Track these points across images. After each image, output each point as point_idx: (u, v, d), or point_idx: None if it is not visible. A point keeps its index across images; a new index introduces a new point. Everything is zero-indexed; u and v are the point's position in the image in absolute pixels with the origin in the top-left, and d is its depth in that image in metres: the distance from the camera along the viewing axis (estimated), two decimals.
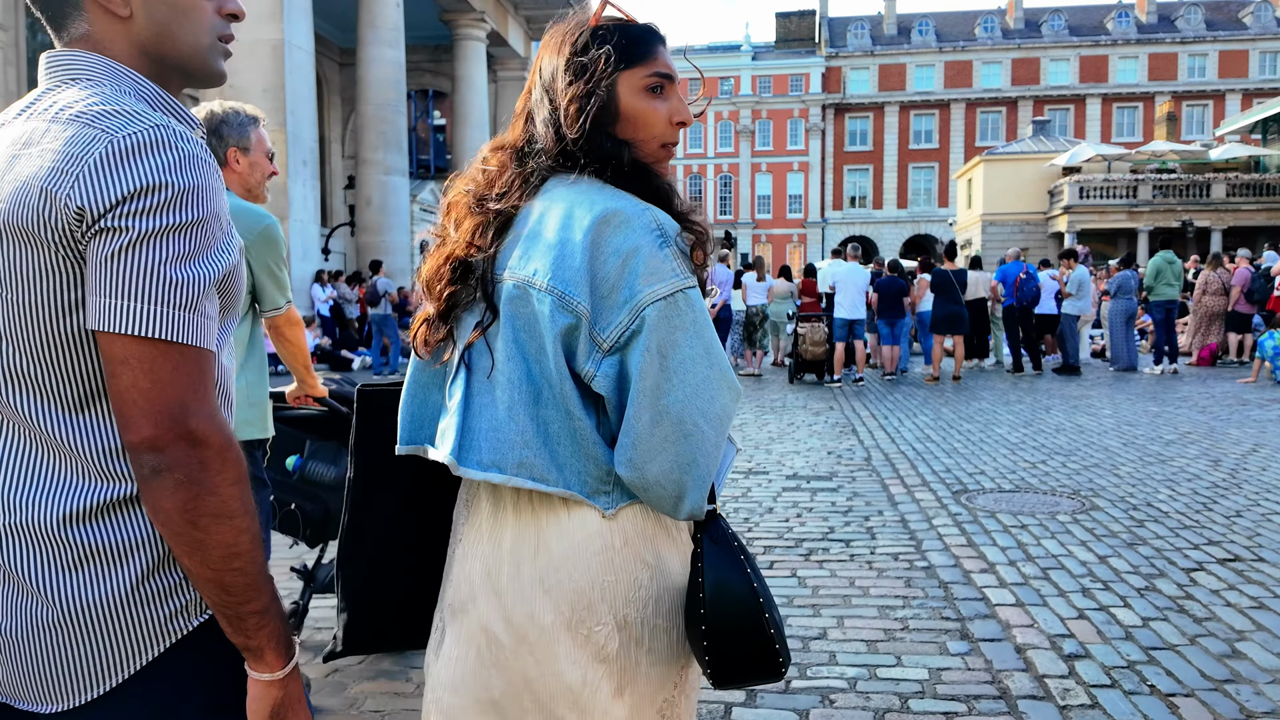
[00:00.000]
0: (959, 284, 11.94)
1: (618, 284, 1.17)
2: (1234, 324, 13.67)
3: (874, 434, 8.01)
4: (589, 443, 1.20)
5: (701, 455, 1.17)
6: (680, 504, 1.18)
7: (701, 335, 1.18)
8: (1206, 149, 38.99)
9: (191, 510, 0.95)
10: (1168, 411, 8.90)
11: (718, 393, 1.18)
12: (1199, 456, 6.60)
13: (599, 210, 1.19)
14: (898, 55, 59.34)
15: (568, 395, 1.19)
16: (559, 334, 1.18)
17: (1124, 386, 11.32)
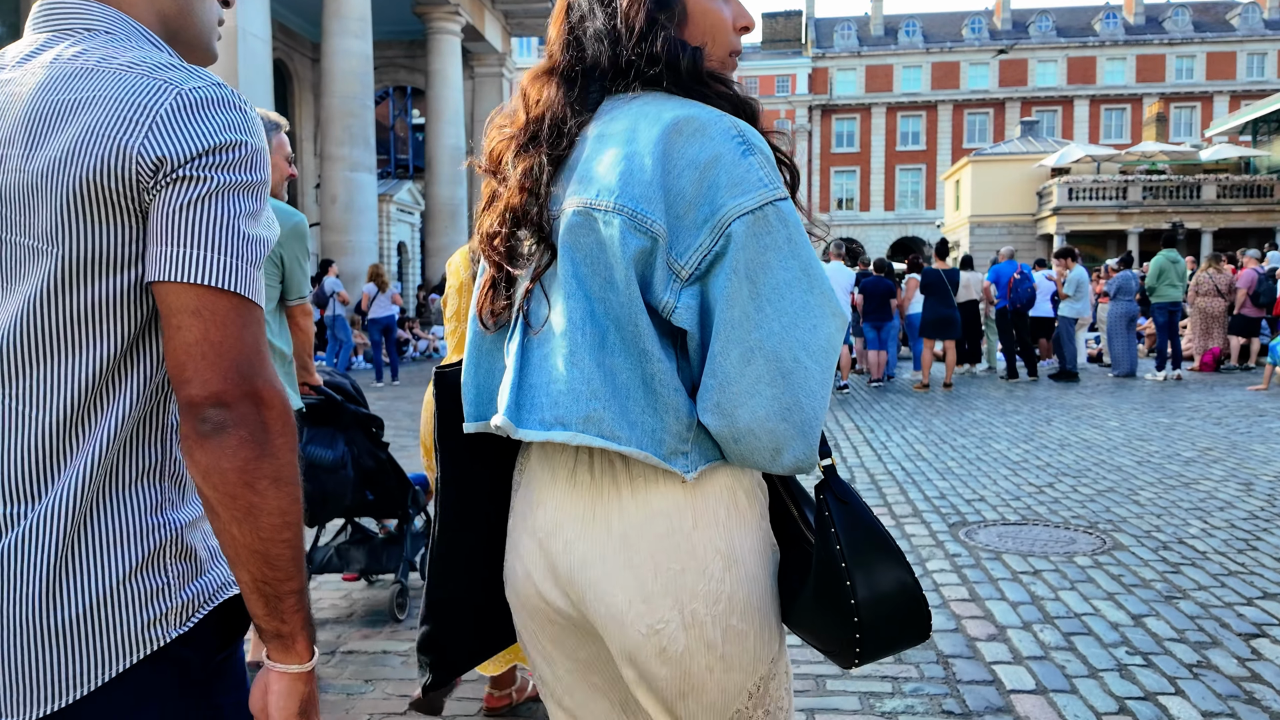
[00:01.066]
0: (951, 284, 11.16)
1: (695, 200, 1.01)
2: (1238, 327, 12.94)
3: (858, 450, 7.21)
4: (668, 390, 1.03)
5: (805, 395, 1.00)
6: (779, 456, 1.01)
7: (798, 254, 1.02)
8: (1196, 150, 38.58)
9: (251, 471, 0.91)
10: (1180, 424, 8.12)
11: (820, 320, 1.01)
12: (1226, 479, 5.82)
13: (669, 118, 1.03)
14: (885, 56, 58.98)
15: (643, 334, 1.02)
16: (631, 260, 1.01)
17: (1127, 394, 10.56)
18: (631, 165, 1.03)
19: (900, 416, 9.14)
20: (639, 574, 1.04)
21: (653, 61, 1.09)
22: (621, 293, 1.02)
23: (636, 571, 1.04)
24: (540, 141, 1.11)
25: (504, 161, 1.15)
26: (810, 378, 1.00)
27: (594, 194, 1.04)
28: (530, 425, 1.06)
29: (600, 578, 1.05)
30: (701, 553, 1.05)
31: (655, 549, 1.04)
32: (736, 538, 1.07)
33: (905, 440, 7.63)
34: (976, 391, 11.28)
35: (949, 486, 5.80)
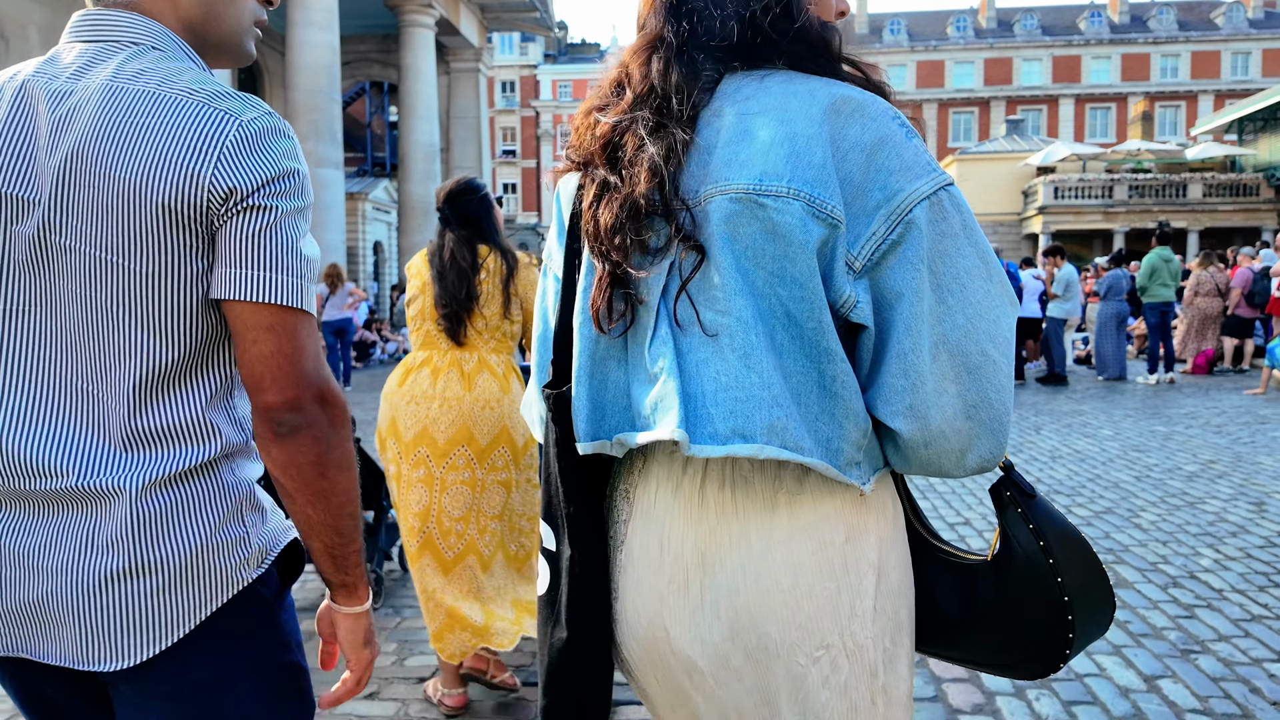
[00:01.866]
0: None
1: (864, 184, 0.93)
2: (1232, 328, 12.45)
3: None
4: (849, 393, 0.94)
5: (994, 390, 0.94)
6: (965, 456, 0.95)
7: (975, 241, 0.95)
8: (1182, 149, 38.34)
9: (323, 462, 1.04)
10: (1179, 432, 7.59)
11: (1002, 311, 0.95)
12: (1235, 497, 5.28)
13: (825, 97, 0.96)
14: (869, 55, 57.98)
15: (826, 332, 0.93)
16: (814, 250, 0.92)
17: (1119, 399, 10.04)
18: (797, 147, 0.94)
19: None
20: (792, 596, 0.96)
21: (796, 38, 1.01)
22: (802, 286, 0.93)
23: (789, 595, 0.96)
24: (669, 121, 1.00)
25: (615, 147, 1.03)
26: (998, 371, 0.95)
27: (755, 178, 0.95)
28: (704, 440, 0.94)
29: (750, 606, 0.96)
30: (855, 568, 0.97)
31: (806, 567, 0.96)
32: (885, 549, 1.00)
33: None
34: None
35: (930, 508, 5.24)
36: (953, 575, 1.07)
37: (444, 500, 2.70)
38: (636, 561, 1.03)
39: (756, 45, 1.01)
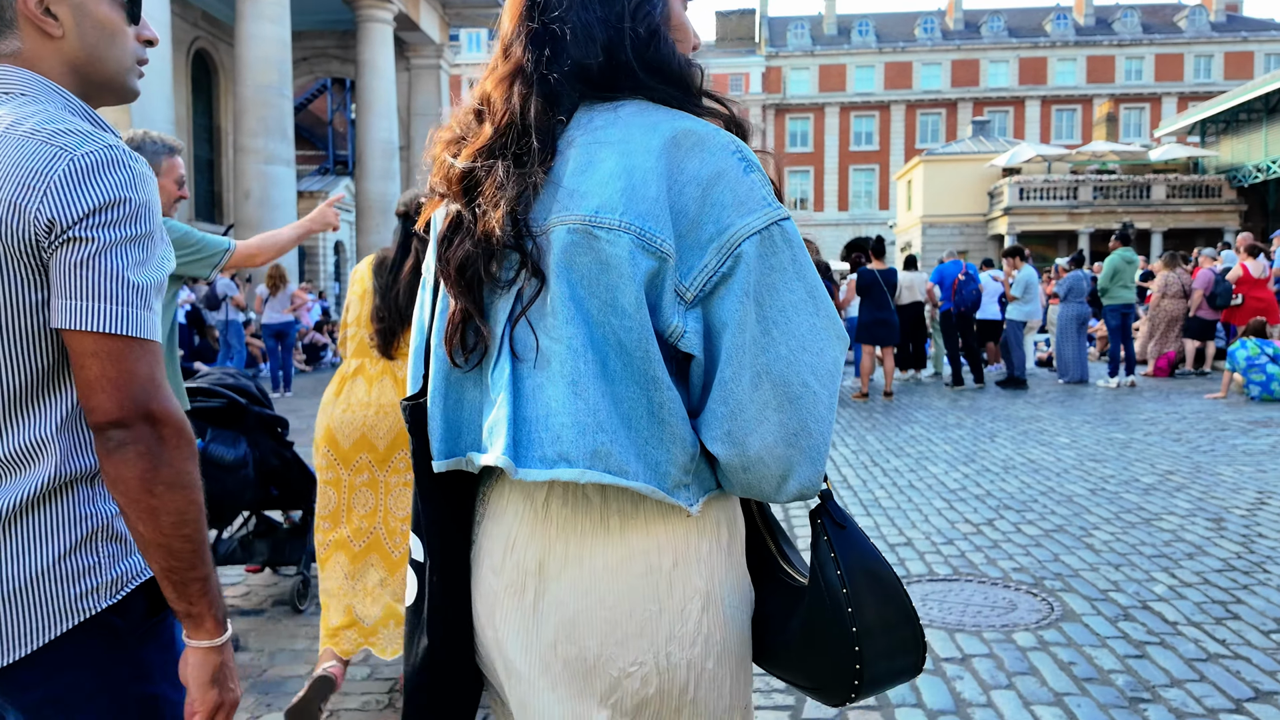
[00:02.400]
0: (887, 286, 10.32)
1: (700, 218, 0.97)
2: (1194, 330, 12.27)
3: None
4: (676, 420, 0.97)
5: (814, 420, 0.97)
6: (785, 483, 0.98)
7: (804, 276, 0.98)
8: (1146, 150, 38.56)
9: (150, 479, 1.07)
10: (1137, 440, 7.32)
11: (827, 343, 0.98)
12: (1193, 513, 4.98)
13: (667, 130, 0.98)
14: (838, 56, 58.76)
15: (653, 360, 0.96)
16: (642, 282, 0.95)
17: (1078, 404, 9.79)
18: (633, 180, 0.96)
19: (834, 431, 8.25)
20: (614, 615, 0.99)
21: (653, 70, 1.04)
22: (630, 317, 0.96)
23: (611, 613, 0.99)
24: (526, 155, 1.02)
25: (474, 184, 1.04)
26: (819, 401, 0.97)
27: (592, 210, 0.97)
28: (531, 464, 0.97)
29: (574, 619, 0.99)
30: (680, 592, 1.00)
31: (632, 589, 0.99)
32: (718, 575, 1.02)
33: (833, 462, 6.73)
34: (919, 401, 10.46)
35: (873, 525, 4.89)
36: (782, 596, 1.08)
37: (389, 502, 2.79)
38: (482, 562, 1.06)
39: (617, 76, 1.02)
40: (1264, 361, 9.57)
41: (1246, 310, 11.73)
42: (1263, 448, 6.84)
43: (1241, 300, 11.74)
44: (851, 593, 0.99)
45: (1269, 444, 6.99)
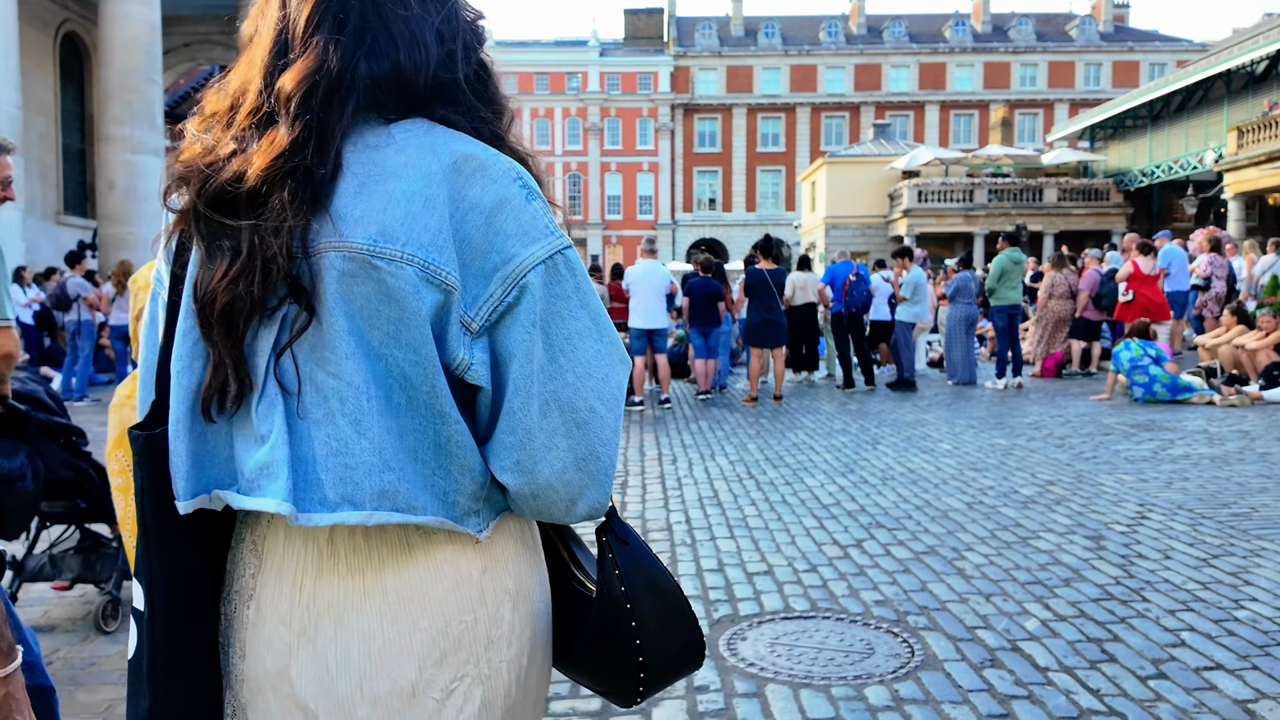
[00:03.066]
0: (776, 286, 9.97)
1: (484, 247, 0.94)
2: (1080, 331, 12.32)
3: (647, 490, 5.82)
4: (464, 451, 0.96)
5: (601, 444, 0.98)
6: (574, 506, 0.99)
7: (587, 303, 0.98)
8: (1039, 154, 39.74)
9: None
10: (1020, 446, 7.09)
11: (611, 369, 0.99)
12: (1072, 529, 4.67)
13: (446, 154, 0.94)
14: (745, 57, 59.14)
15: (440, 394, 0.93)
16: (428, 317, 0.92)
17: (964, 407, 9.62)
18: (414, 207, 0.91)
19: (716, 438, 7.84)
20: (429, 635, 0.95)
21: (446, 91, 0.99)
22: (415, 351, 0.92)
23: (426, 633, 0.95)
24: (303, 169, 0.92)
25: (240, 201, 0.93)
26: (605, 426, 0.98)
27: (370, 238, 0.91)
28: (314, 508, 0.91)
29: (384, 650, 0.94)
30: (493, 597, 0.99)
31: (445, 603, 0.96)
32: (523, 574, 1.03)
33: (708, 474, 6.29)
34: (808, 405, 10.15)
35: (734, 550, 4.44)
36: (572, 602, 1.11)
37: None
38: (267, 616, 0.98)
39: (408, 94, 0.98)
40: (1146, 363, 9.56)
41: (1137, 307, 11.81)
42: (1144, 454, 6.67)
43: (1133, 297, 11.82)
44: (634, 605, 1.02)
45: (1150, 450, 6.83)
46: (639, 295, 10.02)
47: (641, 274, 10.06)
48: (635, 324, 10.04)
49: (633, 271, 10.22)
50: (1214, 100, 31.37)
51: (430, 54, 0.97)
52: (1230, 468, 6.08)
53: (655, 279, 10.06)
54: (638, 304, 10.02)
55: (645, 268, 10.13)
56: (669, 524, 4.95)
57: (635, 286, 10.08)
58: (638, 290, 10.03)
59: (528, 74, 59.70)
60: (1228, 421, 8.13)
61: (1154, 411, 8.88)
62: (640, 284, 10.03)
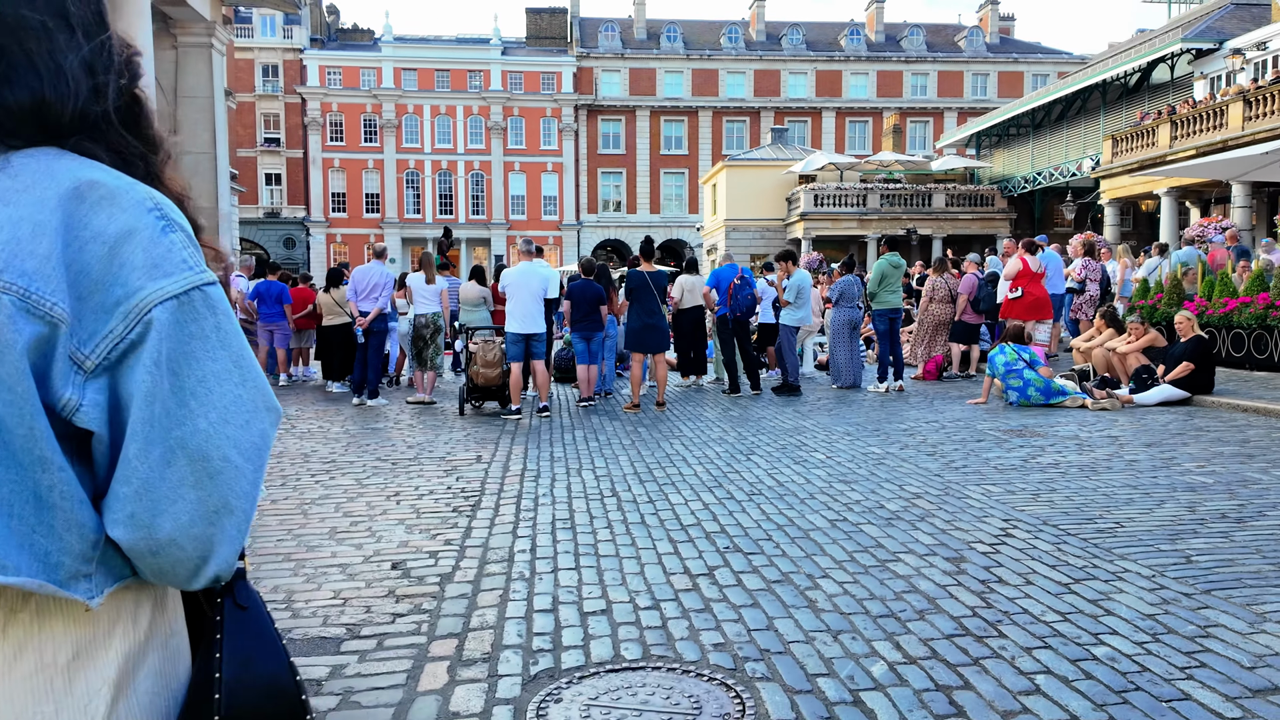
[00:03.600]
0: (657, 288, 9.65)
1: (106, 279, 0.87)
2: (959, 334, 12.40)
3: (500, 512, 5.36)
4: (70, 503, 0.87)
5: (235, 497, 0.91)
6: (203, 568, 0.91)
7: (228, 344, 0.93)
8: (928, 160, 40.80)
9: None
10: (892, 455, 6.91)
11: (253, 416, 0.93)
12: (933, 550, 4.43)
13: (68, 180, 0.88)
14: (648, 60, 59.15)
15: (40, 438, 0.85)
16: (25, 351, 0.84)
17: (845, 412, 9.47)
18: (18, 232, 0.85)
19: (588, 450, 7.43)
20: None
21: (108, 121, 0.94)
22: (10, 389, 0.83)
23: None
24: None
25: None
26: (242, 477, 0.91)
27: None
28: None
29: None
30: (84, 687, 0.88)
31: (20, 693, 0.85)
32: (133, 660, 0.92)
33: (569, 492, 5.88)
34: (691, 411, 9.85)
35: (574, 584, 4.03)
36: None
37: None
38: None
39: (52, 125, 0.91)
40: (1021, 367, 9.58)
41: (1024, 303, 11.93)
42: (1014, 462, 6.55)
43: (1021, 293, 11.93)
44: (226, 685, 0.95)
45: (1020, 457, 6.73)
46: (516, 298, 9.54)
47: (518, 276, 9.59)
48: (511, 328, 9.56)
49: (509, 274, 9.75)
50: (1091, 110, 32.67)
51: (79, 85, 0.92)
52: (1098, 476, 5.99)
53: (533, 281, 9.60)
54: (514, 307, 9.54)
55: (523, 270, 9.66)
56: (512, 553, 4.51)
57: (512, 289, 9.59)
58: (514, 293, 9.55)
59: (428, 71, 58.43)
60: (1098, 426, 8.16)
61: (1028, 416, 8.88)
62: (517, 287, 9.55)
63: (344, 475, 6.47)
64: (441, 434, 8.43)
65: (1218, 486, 5.62)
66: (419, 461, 6.99)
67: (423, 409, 10.34)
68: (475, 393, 9.90)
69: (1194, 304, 12.01)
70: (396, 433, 8.53)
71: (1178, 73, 29.28)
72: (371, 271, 10.59)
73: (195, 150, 28.75)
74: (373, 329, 10.49)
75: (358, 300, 10.54)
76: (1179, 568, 4.02)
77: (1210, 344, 9.81)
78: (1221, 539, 4.44)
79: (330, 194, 57.70)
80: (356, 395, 10.71)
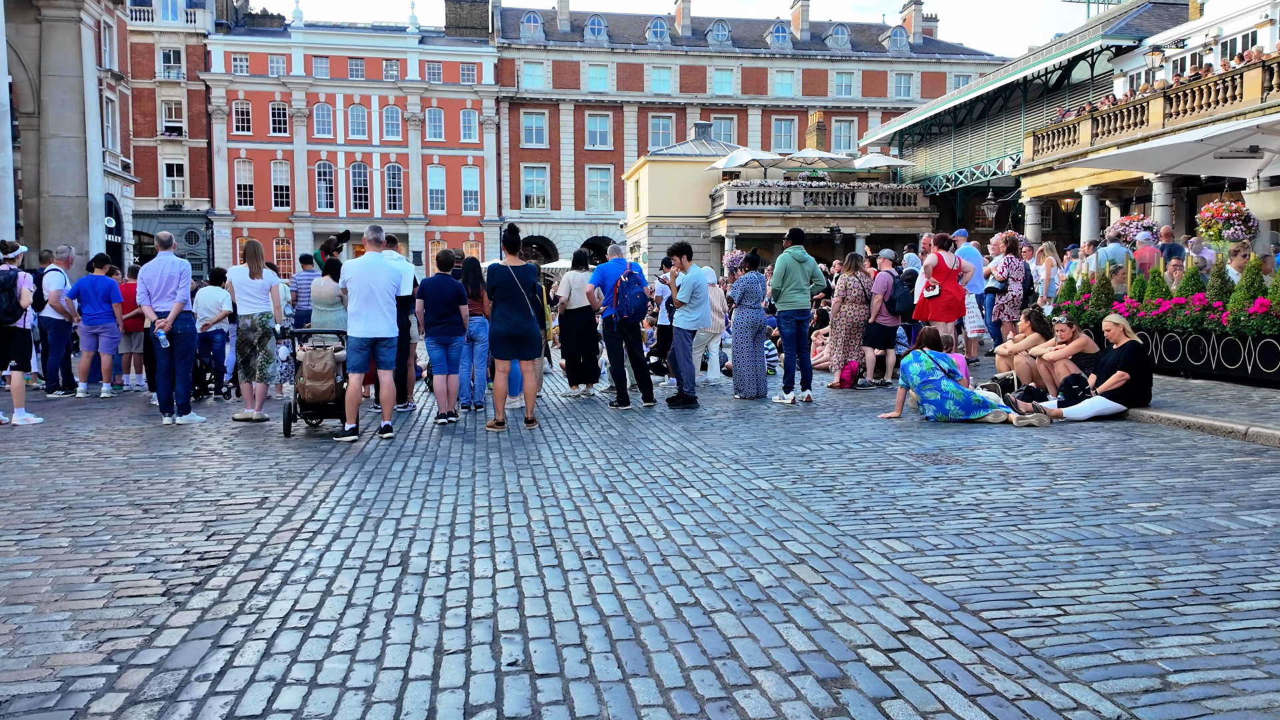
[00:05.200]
0: (523, 286, 8.21)
1: None
2: (874, 338, 11.24)
3: (226, 595, 3.86)
4: None
5: None
6: None
7: None
8: (852, 158, 40.12)
9: None
10: (781, 493, 5.59)
11: None
12: (804, 666, 3.06)
13: None
14: (571, 53, 57.62)
15: None
16: None
17: (741, 430, 8.16)
18: None
19: (414, 486, 5.96)
20: None
21: None
22: None
23: None
24: None
25: None
26: None
27: None
28: None
29: None
30: None
31: None
32: None
33: (344, 556, 4.40)
34: (565, 430, 8.44)
35: None
36: None
37: None
38: None
39: None
40: (938, 377, 8.40)
41: (940, 304, 10.83)
42: (926, 501, 5.29)
43: (939, 291, 10.82)
44: None
45: (934, 494, 5.47)
46: (359, 296, 7.98)
47: (362, 270, 8.00)
48: (354, 331, 8.00)
49: (351, 266, 8.15)
50: (1013, 109, 32.24)
51: None
52: (1029, 525, 4.75)
53: (380, 276, 8.02)
54: (357, 307, 7.97)
55: (368, 263, 8.08)
56: (188, 678, 3.03)
57: (354, 285, 8.01)
58: (357, 290, 7.99)
59: (341, 59, 56.00)
60: (1025, 448, 6.99)
61: (945, 433, 7.69)
62: (360, 282, 7.97)
63: (65, 530, 4.88)
64: (245, 464, 6.85)
65: (1179, 541, 4.42)
66: (182, 507, 5.42)
67: (247, 428, 8.72)
68: (307, 409, 8.32)
69: (1123, 305, 11.06)
70: (189, 462, 6.92)
71: (1098, 70, 28.94)
72: (163, 265, 8.88)
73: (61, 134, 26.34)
74: (178, 331, 8.81)
75: (151, 301, 8.84)
76: (1153, 696, 2.75)
77: (1145, 350, 8.77)
78: (1202, 636, 3.20)
79: (236, 186, 54.89)
80: (165, 413, 9.01)
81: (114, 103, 35.72)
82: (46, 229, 24.94)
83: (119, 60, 36.68)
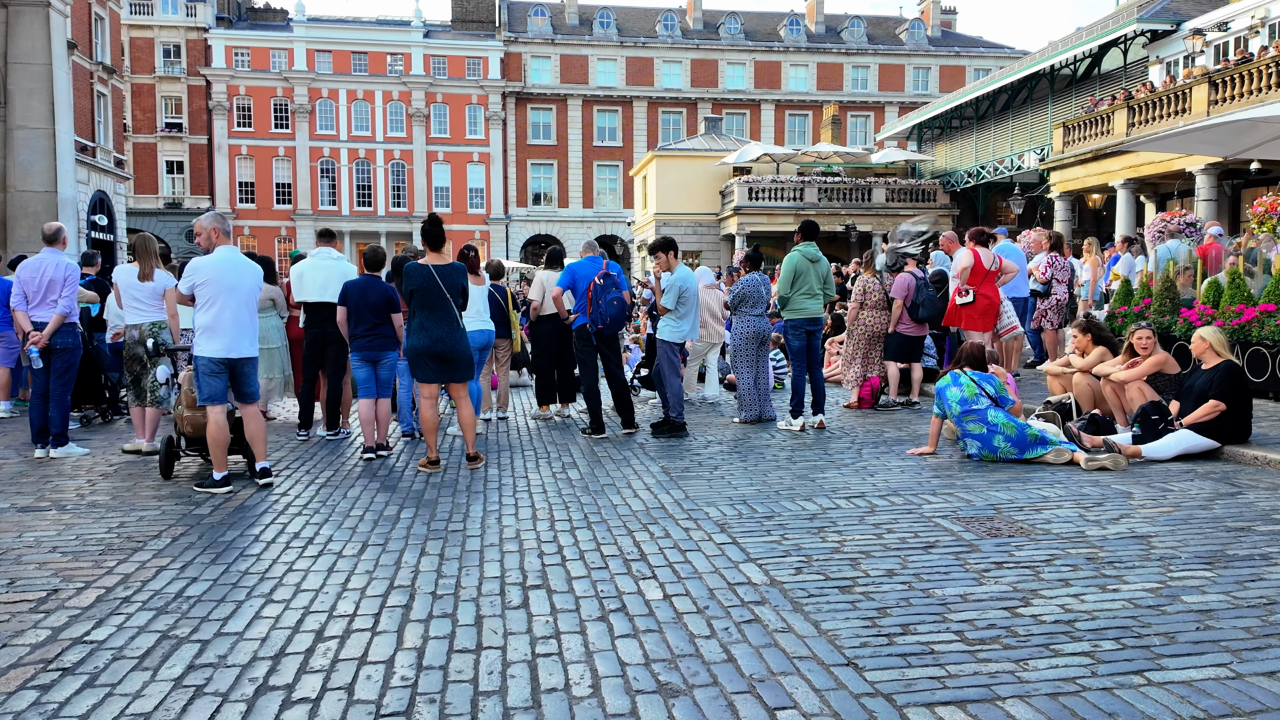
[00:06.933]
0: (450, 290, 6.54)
1: None
2: (896, 350, 9.52)
3: None
4: None
5: None
6: None
7: None
8: (868, 153, 38.34)
9: None
10: (774, 597, 3.90)
11: None
12: None
13: None
14: (580, 46, 56.15)
15: None
16: None
17: (734, 473, 6.47)
18: None
19: (274, 569, 4.33)
20: None
21: None
22: None
23: None
24: None
25: None
26: None
27: None
28: None
29: None
30: None
31: None
32: None
33: (111, 711, 2.78)
34: (519, 469, 6.76)
35: None
36: None
37: None
38: None
39: None
40: (984, 405, 6.69)
41: (977, 311, 9.12)
42: (994, 616, 3.56)
43: (974, 297, 9.11)
44: None
45: (1002, 596, 3.75)
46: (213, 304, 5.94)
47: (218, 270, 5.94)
48: (206, 350, 5.92)
49: (203, 266, 5.96)
50: (1038, 100, 30.42)
51: None
52: (1160, 670, 3.05)
53: (244, 278, 6.03)
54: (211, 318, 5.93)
55: (225, 260, 6.02)
56: None
57: (208, 289, 5.95)
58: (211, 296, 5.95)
59: (344, 53, 54.73)
60: (1107, 509, 5.28)
61: (997, 481, 5.97)
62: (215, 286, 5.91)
63: None
64: (83, 524, 5.22)
65: None
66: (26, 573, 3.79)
67: (130, 464, 7.10)
68: (192, 445, 6.68)
69: (1193, 312, 9.30)
70: (14, 520, 5.29)
71: (1131, 58, 27.07)
72: (44, 264, 7.28)
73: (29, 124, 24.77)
74: (55, 347, 7.20)
75: (28, 308, 7.24)
76: None
77: (1243, 373, 7.02)
78: None
79: (238, 183, 53.70)
80: (37, 443, 7.39)
81: (106, 97, 34.38)
82: (13, 225, 23.52)
83: (111, 53, 35.31)
